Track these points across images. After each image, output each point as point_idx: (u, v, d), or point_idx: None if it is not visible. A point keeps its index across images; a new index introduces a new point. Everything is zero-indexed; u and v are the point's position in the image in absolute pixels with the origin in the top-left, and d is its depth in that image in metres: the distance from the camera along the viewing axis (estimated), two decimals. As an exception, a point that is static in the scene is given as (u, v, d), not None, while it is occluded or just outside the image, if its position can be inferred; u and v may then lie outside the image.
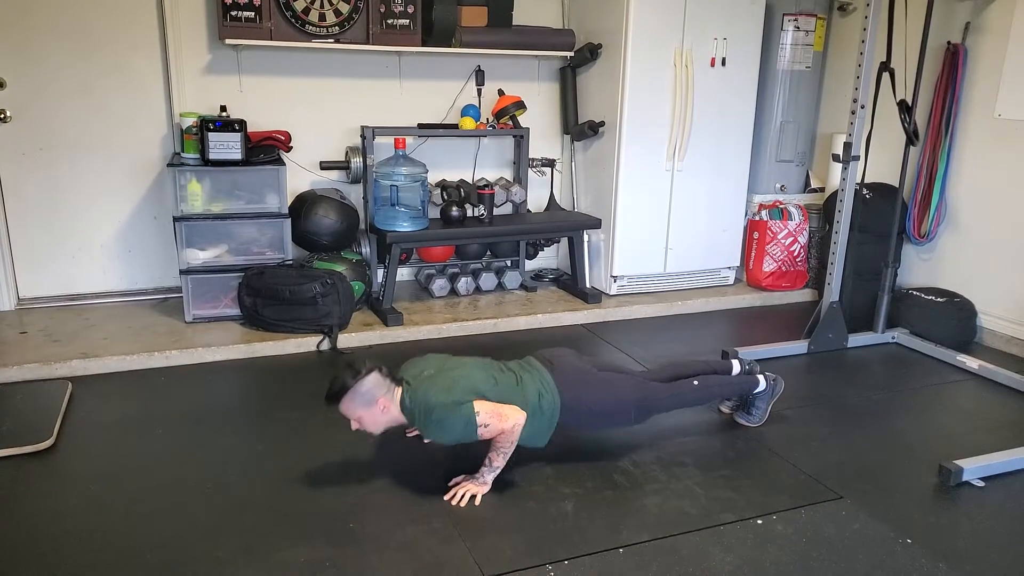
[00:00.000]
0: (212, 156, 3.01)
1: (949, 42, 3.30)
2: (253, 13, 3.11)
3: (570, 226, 3.59)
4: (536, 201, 3.97)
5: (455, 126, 3.56)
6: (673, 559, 1.76)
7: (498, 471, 2.01)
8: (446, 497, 1.98)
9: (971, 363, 2.94)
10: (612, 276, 3.68)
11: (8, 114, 3.13)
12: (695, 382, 2.27)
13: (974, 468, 2.14)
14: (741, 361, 2.47)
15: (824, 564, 1.76)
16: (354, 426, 1.96)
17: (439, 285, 3.57)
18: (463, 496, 1.97)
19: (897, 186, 3.21)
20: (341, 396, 1.90)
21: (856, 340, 3.21)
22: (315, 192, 3.40)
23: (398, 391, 1.97)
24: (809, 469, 2.18)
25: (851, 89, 2.93)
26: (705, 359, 2.49)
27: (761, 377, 2.40)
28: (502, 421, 1.92)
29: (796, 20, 3.72)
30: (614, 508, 1.96)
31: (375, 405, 1.92)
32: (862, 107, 2.89)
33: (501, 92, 3.68)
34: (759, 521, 1.92)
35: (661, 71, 3.47)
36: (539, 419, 2.03)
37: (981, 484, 2.13)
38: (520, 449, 2.21)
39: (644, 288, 3.76)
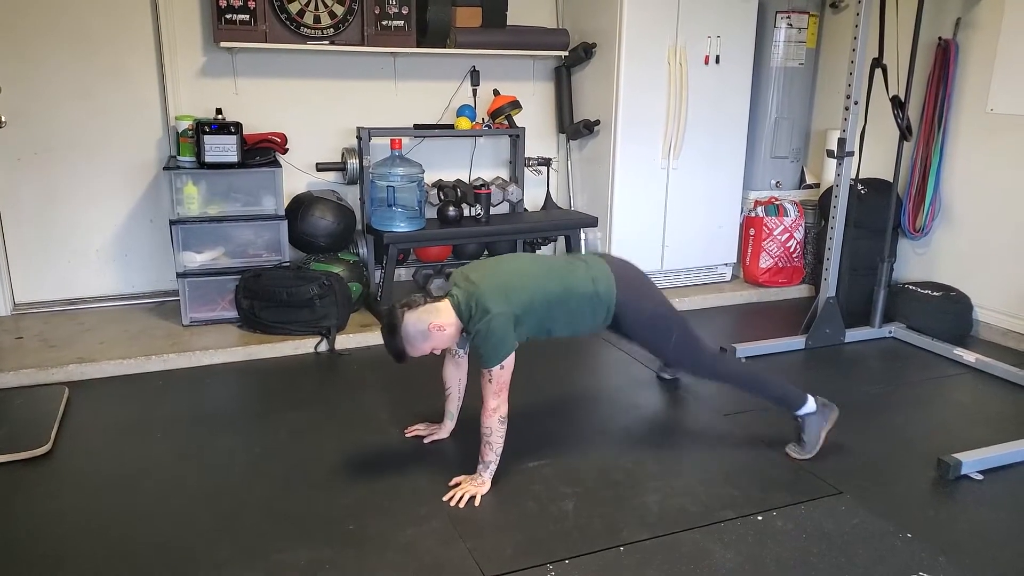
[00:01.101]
0: (208, 159, 3.01)
1: (940, 38, 3.31)
2: (248, 16, 3.10)
3: (567, 224, 3.59)
4: (532, 200, 3.97)
5: (451, 126, 3.56)
6: (674, 556, 1.77)
7: (492, 468, 2.01)
8: (445, 498, 1.98)
9: (968, 357, 2.95)
10: (609, 275, 3.68)
11: (3, 119, 3.11)
12: (743, 359, 2.24)
13: (972, 461, 2.15)
14: (816, 399, 2.22)
15: (824, 559, 1.76)
16: (437, 353, 2.01)
17: (437, 285, 3.57)
18: (462, 497, 1.97)
19: (891, 181, 3.22)
20: (404, 355, 1.96)
21: (853, 335, 3.21)
22: (311, 194, 3.40)
23: (444, 305, 1.98)
24: (808, 464, 2.19)
25: (844, 85, 2.94)
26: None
27: (811, 397, 2.20)
28: (501, 389, 1.95)
29: (788, 17, 3.73)
30: (614, 506, 1.96)
31: (431, 333, 1.94)
32: (855, 103, 2.90)
33: (496, 92, 3.68)
34: (759, 517, 1.92)
35: (655, 69, 3.47)
36: (594, 302, 2.06)
37: (980, 477, 2.14)
38: (518, 444, 2.21)
39: (641, 286, 3.76)
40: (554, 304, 2.02)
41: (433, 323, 1.94)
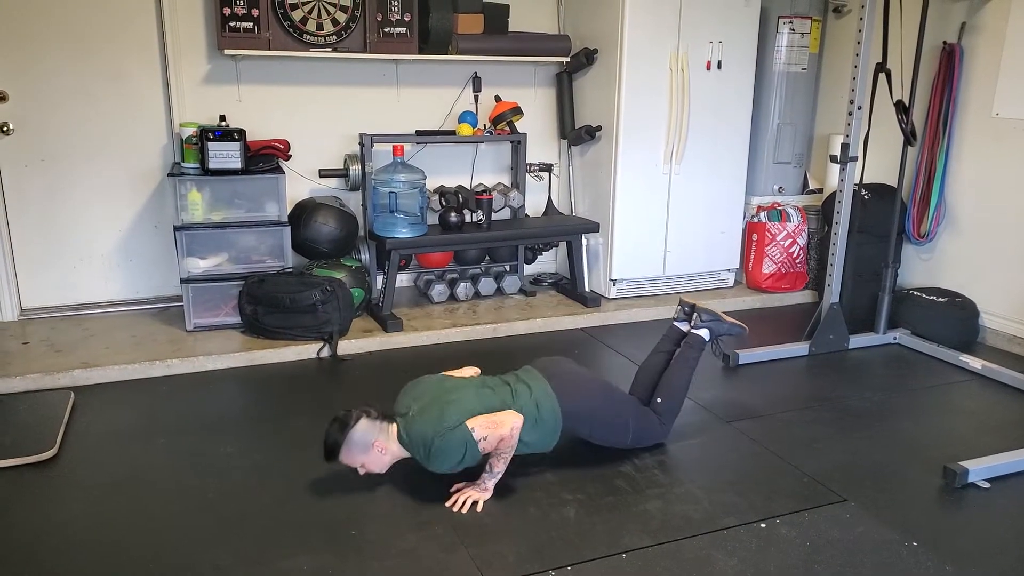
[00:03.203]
0: (212, 165, 3.02)
1: (945, 42, 3.31)
2: (251, 24, 3.12)
3: (568, 230, 3.59)
4: (534, 206, 3.97)
5: (453, 132, 3.57)
6: (676, 564, 1.76)
7: (499, 476, 2.01)
8: (448, 504, 1.97)
9: (974, 363, 2.93)
10: (611, 279, 3.68)
11: (11, 126, 3.14)
12: (658, 400, 2.27)
13: (979, 469, 2.13)
14: (686, 314, 2.41)
15: (829, 568, 1.75)
16: (361, 471, 1.98)
17: (438, 291, 3.58)
18: (465, 502, 1.96)
19: (896, 186, 3.21)
20: (336, 452, 1.93)
21: (857, 341, 3.20)
22: (314, 200, 3.41)
23: (393, 428, 1.98)
24: (812, 472, 2.18)
25: (847, 90, 2.93)
26: (662, 348, 2.42)
27: (701, 331, 2.34)
28: (499, 428, 1.93)
29: (791, 22, 3.73)
30: (616, 513, 1.95)
31: (372, 449, 1.94)
32: (859, 108, 2.89)
33: (498, 98, 3.69)
34: (762, 525, 1.91)
35: (657, 75, 3.48)
36: (541, 427, 2.04)
37: (986, 485, 2.12)
38: (521, 455, 2.21)
39: (643, 291, 3.76)
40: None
41: (379, 441, 1.94)
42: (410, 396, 2.05)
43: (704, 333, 2.36)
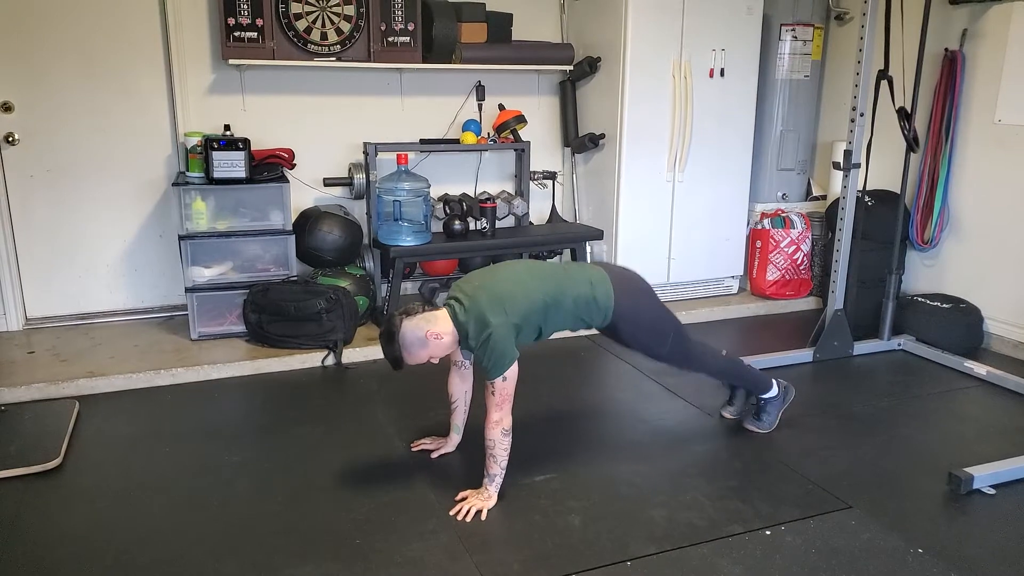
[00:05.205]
0: (216, 175, 3.04)
1: (947, 49, 3.31)
2: (255, 33, 3.15)
3: (572, 238, 3.60)
4: (538, 213, 3.98)
5: (456, 141, 3.58)
6: (681, 571, 1.75)
7: (498, 480, 2.01)
8: (452, 512, 1.97)
9: (979, 369, 2.92)
10: (616, 287, 3.68)
11: (16, 137, 3.17)
12: (723, 351, 2.34)
13: (984, 476, 2.12)
14: (778, 382, 2.47)
15: (834, 575, 1.74)
16: (434, 362, 2.03)
17: (443, 298, 3.58)
18: (468, 511, 1.96)
19: (899, 193, 3.22)
20: (401, 362, 1.97)
21: (862, 348, 3.19)
22: (319, 208, 3.43)
23: (442, 313, 2.00)
24: (817, 478, 2.17)
25: (850, 97, 2.94)
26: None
27: (774, 382, 2.42)
28: (504, 400, 1.95)
29: (793, 30, 3.74)
30: (621, 521, 1.95)
31: (428, 340, 1.96)
32: (861, 115, 2.90)
33: (502, 107, 3.71)
34: (767, 532, 1.91)
35: (660, 83, 3.49)
36: (591, 307, 2.08)
37: (992, 492, 2.11)
38: (524, 458, 2.21)
39: (648, 298, 3.76)
40: (551, 306, 2.03)
41: (430, 331, 1.96)
42: (468, 284, 2.05)
43: (775, 386, 2.43)
